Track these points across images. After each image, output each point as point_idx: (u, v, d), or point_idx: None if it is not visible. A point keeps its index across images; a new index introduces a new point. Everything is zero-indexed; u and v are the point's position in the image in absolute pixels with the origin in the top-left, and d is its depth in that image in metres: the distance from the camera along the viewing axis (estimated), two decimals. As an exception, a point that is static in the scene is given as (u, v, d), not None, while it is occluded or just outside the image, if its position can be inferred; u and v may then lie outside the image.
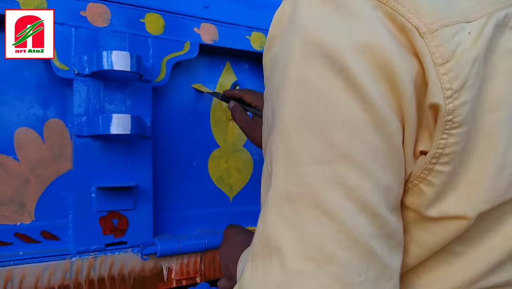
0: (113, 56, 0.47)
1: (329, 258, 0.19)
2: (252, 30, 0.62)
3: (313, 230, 0.19)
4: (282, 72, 0.21)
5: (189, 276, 0.56)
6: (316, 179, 0.19)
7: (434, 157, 0.20)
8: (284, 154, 0.20)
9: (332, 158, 0.19)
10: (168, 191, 0.59)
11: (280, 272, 0.19)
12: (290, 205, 0.20)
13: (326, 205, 0.19)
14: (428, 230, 0.22)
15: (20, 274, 0.45)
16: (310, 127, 0.19)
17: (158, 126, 0.57)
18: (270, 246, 0.20)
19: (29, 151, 0.49)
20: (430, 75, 0.19)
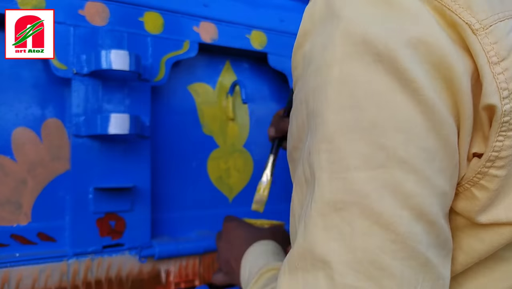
0: (111, 55, 0.46)
1: (383, 271, 0.17)
2: (252, 28, 0.61)
3: (365, 241, 0.18)
4: (320, 71, 0.20)
5: (188, 278, 0.55)
6: (368, 185, 0.18)
7: (489, 160, 0.19)
8: (329, 158, 0.19)
9: (385, 162, 0.18)
10: (167, 192, 0.58)
11: (328, 287, 0.18)
12: (338, 214, 0.18)
13: (379, 213, 0.17)
14: (476, 237, 0.21)
15: (17, 276, 0.45)
16: (359, 129, 0.18)
17: (156, 126, 0.57)
18: (315, 258, 0.19)
19: (27, 151, 0.48)
20: (485, 75, 0.18)
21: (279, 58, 0.64)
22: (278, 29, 0.64)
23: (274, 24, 0.63)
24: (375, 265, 0.17)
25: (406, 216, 0.18)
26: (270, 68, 0.64)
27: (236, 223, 0.42)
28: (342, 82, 0.19)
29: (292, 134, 0.24)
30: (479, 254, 0.21)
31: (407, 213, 0.18)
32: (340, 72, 0.19)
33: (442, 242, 0.19)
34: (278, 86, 0.69)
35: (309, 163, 0.20)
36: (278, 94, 0.70)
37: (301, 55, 0.23)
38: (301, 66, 0.23)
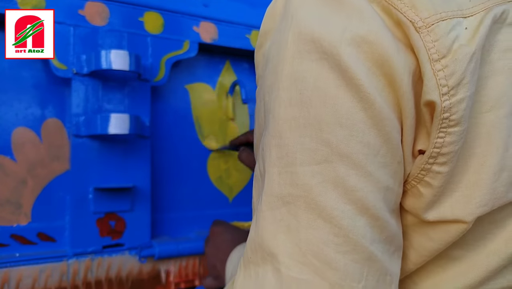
0: (111, 55, 0.46)
1: (327, 264, 0.18)
2: (252, 28, 0.61)
3: (309, 234, 0.18)
4: (274, 69, 0.20)
5: (188, 279, 0.55)
6: (313, 179, 0.18)
7: (432, 157, 0.19)
8: (278, 154, 0.19)
9: (329, 158, 0.18)
10: (167, 192, 0.58)
11: (275, 279, 0.18)
12: (285, 208, 0.19)
13: (323, 207, 0.18)
14: (426, 235, 0.21)
15: (17, 276, 0.45)
16: (305, 126, 0.19)
17: (157, 126, 0.57)
18: (263, 251, 0.19)
19: (27, 151, 0.48)
20: (425, 71, 0.18)
21: (279, 58, 0.64)
22: (278, 29, 0.64)
23: (274, 24, 0.63)
24: (319, 258, 0.18)
25: (349, 210, 0.18)
26: (270, 68, 0.64)
27: (223, 227, 0.42)
28: (292, 79, 0.19)
29: (255, 133, 0.25)
30: (430, 252, 0.21)
31: (350, 207, 0.18)
32: (291, 70, 0.19)
33: (387, 238, 0.19)
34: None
35: (263, 158, 0.21)
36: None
37: (262, 54, 0.23)
38: (261, 65, 0.23)
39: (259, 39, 0.23)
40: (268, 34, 0.23)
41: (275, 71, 0.20)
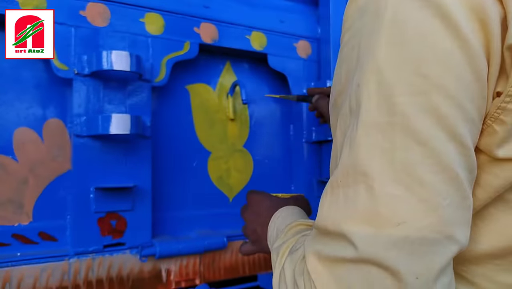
0: (112, 56, 0.46)
1: (417, 181, 0.20)
2: (252, 29, 0.62)
3: (404, 155, 0.20)
4: (374, 17, 0.23)
5: (188, 277, 0.55)
6: (409, 108, 0.20)
7: (508, 95, 0.21)
8: (377, 88, 0.21)
9: (425, 89, 0.20)
10: (167, 191, 0.58)
11: (368, 195, 0.20)
12: (382, 133, 0.21)
13: (418, 132, 0.20)
14: (493, 173, 0.23)
15: (18, 275, 0.45)
16: (405, 62, 0.21)
17: (157, 126, 0.57)
18: (357, 172, 0.21)
19: (28, 150, 0.48)
20: (510, 19, 0.21)
21: (279, 59, 0.64)
22: (278, 30, 0.64)
23: (274, 25, 0.64)
24: (412, 176, 0.20)
25: (441, 136, 0.20)
26: (270, 68, 0.65)
27: (262, 195, 0.44)
28: (393, 22, 0.22)
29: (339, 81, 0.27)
30: (495, 189, 0.23)
31: (442, 133, 0.20)
32: (393, 15, 0.22)
33: (470, 166, 0.22)
34: (278, 87, 0.70)
35: (356, 94, 0.23)
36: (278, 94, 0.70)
37: (355, 7, 0.26)
38: (352, 18, 0.26)
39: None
40: None
41: (375, 18, 0.23)
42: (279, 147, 0.69)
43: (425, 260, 0.20)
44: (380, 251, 0.20)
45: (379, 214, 0.20)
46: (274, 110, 0.70)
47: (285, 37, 0.65)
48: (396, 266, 0.19)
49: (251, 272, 0.61)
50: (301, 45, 0.67)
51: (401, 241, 0.19)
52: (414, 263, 0.19)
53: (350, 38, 0.25)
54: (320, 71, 0.69)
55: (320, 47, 0.69)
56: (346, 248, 0.21)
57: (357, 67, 0.23)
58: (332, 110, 0.29)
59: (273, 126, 0.69)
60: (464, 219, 0.21)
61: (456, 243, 0.20)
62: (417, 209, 0.20)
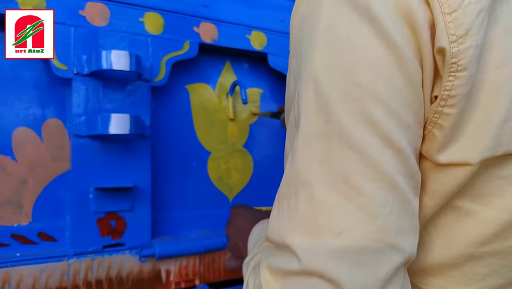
0: (112, 55, 0.46)
1: (355, 190, 0.20)
2: (252, 29, 0.61)
3: (341, 164, 0.20)
4: (311, 25, 0.23)
5: (188, 278, 0.55)
6: (344, 115, 0.20)
7: (443, 99, 0.21)
8: (314, 96, 0.21)
9: (359, 96, 0.20)
10: (167, 191, 0.58)
11: (307, 205, 0.20)
12: (320, 142, 0.21)
13: (353, 140, 0.20)
14: (437, 180, 0.23)
15: (17, 276, 0.45)
16: (338, 69, 0.21)
17: (157, 126, 0.57)
18: (298, 182, 0.21)
19: (27, 151, 0.48)
20: (438, 22, 0.21)
21: (279, 59, 0.64)
22: (278, 29, 0.64)
23: (274, 25, 0.64)
24: (349, 185, 0.20)
25: (376, 143, 0.20)
26: (270, 68, 0.64)
27: (241, 208, 0.44)
28: (326, 29, 0.22)
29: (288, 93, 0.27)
30: (441, 196, 0.23)
31: (377, 140, 0.20)
32: (326, 22, 0.22)
33: (409, 172, 0.21)
34: (278, 86, 0.69)
35: (298, 104, 0.23)
36: (278, 94, 0.70)
37: (297, 17, 0.26)
38: (296, 27, 0.26)
39: (296, 4, 0.26)
40: None
41: (312, 26, 0.23)
42: (279, 147, 0.69)
43: (367, 270, 0.19)
44: (321, 262, 0.19)
45: (318, 223, 0.20)
46: (274, 110, 0.69)
47: (286, 37, 0.65)
48: (338, 277, 0.19)
49: (251, 272, 0.61)
50: (301, 44, 0.67)
51: (342, 251, 0.19)
52: (356, 274, 0.19)
53: (295, 47, 0.25)
54: (320, 71, 0.69)
55: (320, 46, 0.69)
56: (291, 260, 0.21)
57: (300, 74, 0.23)
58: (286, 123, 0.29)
59: (273, 126, 0.69)
60: (407, 227, 0.20)
61: (400, 252, 0.20)
62: (356, 218, 0.19)
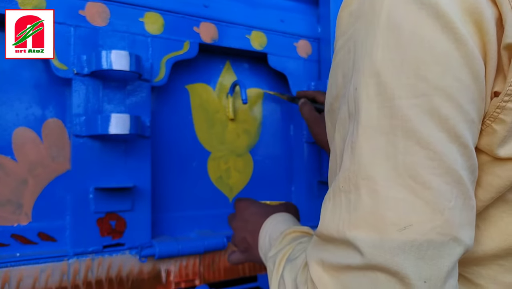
0: (112, 55, 0.46)
1: (422, 184, 0.20)
2: (252, 29, 0.61)
3: (407, 158, 0.20)
4: (370, 20, 0.23)
5: (188, 278, 0.55)
6: (410, 110, 0.20)
7: (507, 94, 0.21)
8: (376, 91, 0.21)
9: (426, 91, 0.20)
10: (167, 191, 0.58)
11: (371, 200, 0.20)
12: (384, 137, 0.21)
13: (420, 135, 0.20)
14: (494, 174, 0.23)
15: (17, 276, 0.45)
16: (403, 65, 0.21)
17: (157, 126, 0.57)
18: (359, 177, 0.21)
19: (27, 151, 0.48)
20: (507, 19, 0.21)
21: (279, 59, 0.64)
22: (278, 29, 0.64)
23: (274, 25, 0.64)
24: (416, 179, 0.20)
25: (443, 137, 0.20)
26: (270, 68, 0.64)
27: (249, 201, 0.43)
28: (389, 25, 0.22)
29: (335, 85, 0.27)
30: (496, 189, 0.23)
31: (444, 135, 0.20)
32: (388, 18, 0.22)
33: (471, 166, 0.22)
34: (278, 86, 0.69)
35: (355, 98, 0.23)
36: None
37: (348, 13, 0.26)
38: (346, 23, 0.26)
39: (345, 1, 0.26)
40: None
41: (370, 22, 0.23)
42: (279, 147, 0.69)
43: (432, 264, 0.19)
44: (387, 257, 0.19)
45: (384, 218, 0.20)
46: (274, 110, 0.69)
47: (285, 37, 0.65)
48: (404, 271, 0.19)
49: (251, 272, 0.61)
50: (301, 44, 0.67)
51: (408, 245, 0.19)
52: (422, 267, 0.19)
53: (345, 42, 0.25)
54: (320, 71, 0.69)
55: (320, 46, 0.69)
56: (351, 255, 0.21)
57: (354, 70, 0.24)
58: (328, 115, 0.29)
59: (273, 126, 0.69)
60: (468, 220, 0.21)
61: (461, 245, 0.20)
62: (422, 212, 0.20)
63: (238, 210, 0.43)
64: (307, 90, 0.60)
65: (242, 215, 0.42)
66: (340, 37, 0.26)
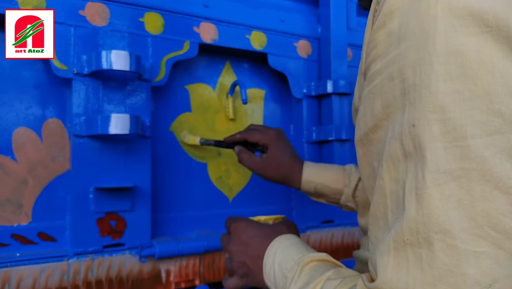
0: (112, 55, 0.46)
1: (505, 234, 0.18)
2: (252, 29, 0.61)
3: (486, 206, 0.18)
4: (421, 44, 0.20)
5: (188, 278, 0.55)
6: (486, 151, 0.18)
7: None
8: (442, 128, 0.19)
9: (502, 128, 0.18)
10: (167, 191, 0.58)
11: (448, 256, 0.18)
12: (454, 182, 0.18)
13: (499, 178, 0.18)
14: None
15: (17, 276, 0.45)
16: (472, 98, 0.18)
17: (157, 126, 0.57)
18: (432, 229, 0.19)
19: (28, 151, 0.48)
20: None
21: (279, 59, 0.64)
22: (278, 29, 0.64)
23: (274, 25, 0.64)
24: (497, 229, 0.18)
25: None
26: (270, 68, 0.64)
27: (245, 222, 0.40)
28: (449, 53, 0.19)
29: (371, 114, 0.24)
30: None
31: None
32: (446, 43, 0.19)
33: None
34: (278, 87, 0.69)
35: (413, 135, 0.20)
36: (278, 94, 0.70)
37: (386, 33, 0.23)
38: (383, 44, 0.23)
39: (382, 18, 0.23)
40: (394, 13, 0.22)
41: (422, 46, 0.20)
42: (279, 147, 0.69)
43: None
44: None
45: (465, 276, 0.18)
46: (274, 110, 0.69)
47: (285, 37, 0.65)
48: None
49: (251, 272, 0.61)
50: (301, 44, 0.67)
51: None
52: None
53: (385, 66, 0.22)
54: (320, 71, 0.69)
55: (320, 47, 0.69)
56: None
57: (405, 102, 0.21)
58: (361, 145, 0.26)
59: (273, 126, 0.69)
60: None
61: None
62: (508, 266, 0.18)
63: (235, 232, 0.39)
64: (234, 135, 0.54)
65: (240, 238, 0.38)
66: (376, 60, 0.23)
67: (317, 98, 0.69)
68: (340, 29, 0.67)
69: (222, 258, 0.58)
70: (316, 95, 0.67)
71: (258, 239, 0.36)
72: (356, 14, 0.74)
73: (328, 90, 0.65)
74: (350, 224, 0.71)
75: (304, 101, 0.67)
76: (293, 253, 0.33)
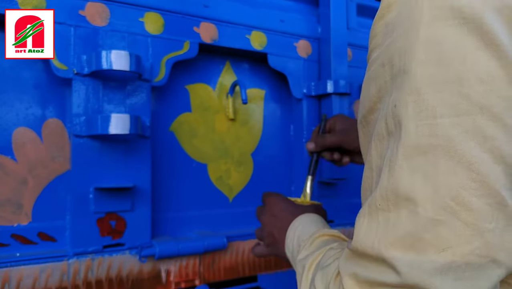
0: (112, 55, 0.46)
1: (463, 206, 0.20)
2: (252, 29, 0.61)
3: (448, 180, 0.20)
4: (407, 33, 0.22)
5: (188, 278, 0.55)
6: (452, 130, 0.20)
7: None
8: (416, 108, 0.21)
9: (469, 110, 0.20)
10: (167, 191, 0.58)
11: (411, 221, 0.20)
12: (424, 156, 0.20)
13: (462, 155, 0.20)
14: None
15: (17, 276, 0.45)
16: (444, 82, 0.20)
17: (157, 126, 0.57)
18: (398, 197, 0.21)
19: (28, 151, 0.48)
20: None
21: (279, 59, 0.64)
22: (278, 29, 0.64)
23: (274, 25, 0.64)
24: (456, 200, 0.20)
25: (487, 158, 0.20)
26: (270, 68, 0.64)
27: (280, 197, 0.43)
28: (429, 42, 0.21)
29: (368, 98, 0.26)
30: None
31: (488, 156, 0.20)
32: (427, 33, 0.21)
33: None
34: (278, 87, 0.69)
35: (394, 115, 0.22)
36: (278, 94, 0.70)
37: (383, 24, 0.25)
38: (381, 34, 0.25)
39: (380, 11, 0.25)
40: (392, 6, 0.24)
41: (408, 35, 0.22)
42: (279, 147, 0.69)
43: (471, 285, 0.20)
44: (425, 277, 0.19)
45: (423, 239, 0.20)
46: (274, 110, 0.69)
47: (285, 37, 0.65)
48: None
49: (251, 272, 0.61)
50: (301, 44, 0.67)
51: (446, 266, 0.19)
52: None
53: (380, 54, 0.25)
54: (320, 71, 0.69)
55: (320, 46, 0.69)
56: (387, 273, 0.21)
57: (393, 86, 0.23)
58: (361, 127, 0.28)
59: (273, 127, 0.69)
60: (510, 241, 0.21)
61: (502, 266, 0.20)
62: (462, 234, 0.19)
63: (268, 204, 0.43)
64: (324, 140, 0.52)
65: (272, 210, 0.42)
66: (375, 49, 0.26)
67: (317, 98, 0.69)
68: (340, 29, 0.67)
69: (222, 258, 0.58)
70: (316, 95, 0.67)
71: (287, 213, 0.40)
72: (356, 14, 0.74)
73: (328, 90, 0.65)
74: (350, 224, 0.71)
75: (304, 101, 0.67)
76: (311, 228, 0.36)
